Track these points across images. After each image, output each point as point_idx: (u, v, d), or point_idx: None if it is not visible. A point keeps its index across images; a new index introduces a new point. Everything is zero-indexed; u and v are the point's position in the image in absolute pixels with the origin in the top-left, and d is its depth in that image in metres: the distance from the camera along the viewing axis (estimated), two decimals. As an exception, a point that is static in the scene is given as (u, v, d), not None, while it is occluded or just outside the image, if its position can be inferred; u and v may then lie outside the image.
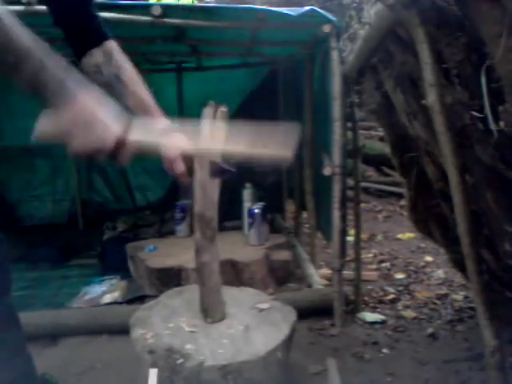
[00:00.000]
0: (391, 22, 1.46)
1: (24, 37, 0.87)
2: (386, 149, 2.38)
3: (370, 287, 2.68)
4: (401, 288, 2.70)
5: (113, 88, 1.17)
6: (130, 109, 1.18)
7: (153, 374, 1.12)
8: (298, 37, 2.55)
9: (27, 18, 0.91)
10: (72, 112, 0.90)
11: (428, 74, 1.31)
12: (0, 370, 1.10)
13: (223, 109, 1.32)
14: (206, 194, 1.47)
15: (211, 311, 1.60)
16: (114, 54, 1.19)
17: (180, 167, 1.09)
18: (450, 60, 1.30)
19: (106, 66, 1.18)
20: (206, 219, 1.51)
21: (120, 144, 0.94)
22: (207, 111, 1.31)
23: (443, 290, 2.65)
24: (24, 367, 1.18)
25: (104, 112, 0.94)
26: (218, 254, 1.56)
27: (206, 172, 1.33)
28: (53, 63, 0.88)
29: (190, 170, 1.22)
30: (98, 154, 0.94)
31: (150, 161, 3.80)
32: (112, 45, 1.21)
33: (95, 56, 1.18)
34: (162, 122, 1.19)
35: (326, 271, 2.83)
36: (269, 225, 3.04)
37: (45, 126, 0.92)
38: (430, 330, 2.18)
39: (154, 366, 1.45)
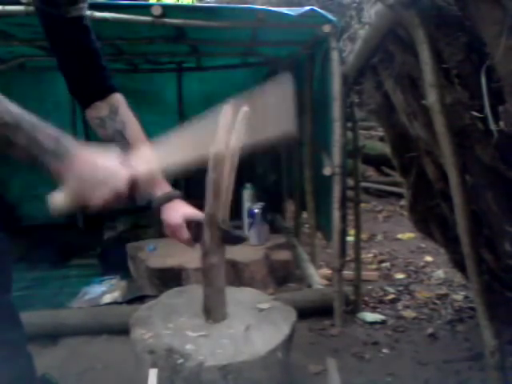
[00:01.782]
0: (391, 22, 1.46)
1: (11, 110, 0.87)
2: (386, 149, 2.38)
3: (370, 287, 2.68)
4: (401, 288, 2.70)
5: (116, 143, 1.15)
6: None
7: (153, 374, 1.12)
8: (298, 37, 2.55)
9: (27, 18, 0.91)
10: (75, 170, 0.90)
11: (428, 74, 1.31)
12: (0, 369, 1.10)
13: (245, 109, 1.29)
14: (218, 193, 1.45)
15: (214, 312, 1.60)
16: (119, 109, 1.17)
17: (185, 234, 1.12)
18: (449, 60, 1.30)
19: (111, 120, 1.16)
20: (216, 220, 1.49)
21: (133, 182, 0.95)
22: (226, 111, 1.28)
23: (443, 290, 2.65)
24: (24, 367, 1.18)
25: (105, 160, 0.94)
26: (225, 257, 1.56)
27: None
28: (43, 130, 0.89)
29: (197, 236, 1.27)
30: (118, 200, 0.95)
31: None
32: (118, 98, 1.19)
33: (100, 109, 1.16)
34: (163, 185, 1.23)
35: (325, 271, 2.83)
36: (269, 225, 3.04)
37: (57, 200, 0.93)
38: (429, 330, 2.18)
39: (154, 366, 1.45)
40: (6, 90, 0.99)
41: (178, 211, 1.29)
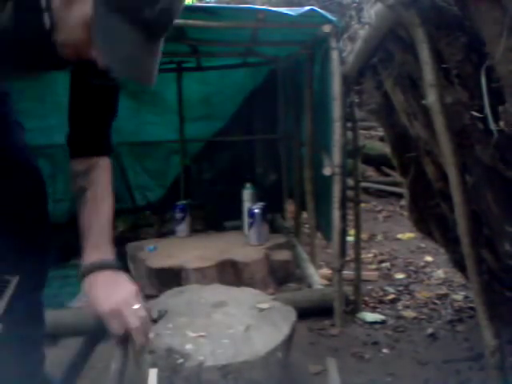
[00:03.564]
0: (391, 22, 1.46)
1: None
2: (386, 149, 2.38)
3: (370, 287, 2.68)
4: (401, 288, 2.70)
5: (78, 200, 1.13)
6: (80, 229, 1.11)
7: (153, 374, 1.12)
8: (298, 37, 2.55)
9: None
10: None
11: (428, 74, 1.31)
12: (12, 364, 1.10)
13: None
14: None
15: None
16: (95, 171, 1.13)
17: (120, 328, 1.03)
18: (450, 60, 1.30)
19: (81, 177, 1.13)
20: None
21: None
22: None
23: (443, 290, 2.65)
24: (35, 366, 1.18)
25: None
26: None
27: None
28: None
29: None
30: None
31: (150, 161, 3.83)
32: (103, 162, 1.16)
33: (80, 163, 1.14)
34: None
35: (326, 271, 2.83)
36: (269, 225, 3.04)
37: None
38: (429, 330, 2.18)
39: (154, 366, 1.45)
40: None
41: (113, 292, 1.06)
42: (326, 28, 2.13)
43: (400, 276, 2.90)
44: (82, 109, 1.12)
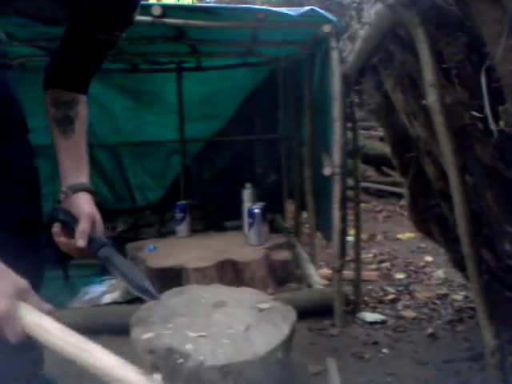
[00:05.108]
0: (391, 21, 1.46)
1: None
2: (386, 149, 2.38)
3: (370, 287, 2.68)
4: (401, 288, 2.70)
5: (60, 127, 1.15)
6: (60, 152, 1.15)
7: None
8: (298, 37, 2.55)
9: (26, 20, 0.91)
10: None
11: (428, 74, 1.31)
12: (7, 364, 1.10)
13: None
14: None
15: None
16: (80, 104, 1.17)
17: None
18: (449, 60, 1.30)
19: (67, 106, 1.16)
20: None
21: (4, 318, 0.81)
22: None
23: (443, 290, 2.65)
24: (31, 365, 1.17)
25: None
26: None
27: None
28: None
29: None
30: None
31: (150, 161, 3.83)
32: (84, 99, 1.20)
33: (64, 95, 1.16)
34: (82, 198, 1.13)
35: (326, 271, 2.83)
36: (269, 225, 3.04)
37: None
38: (429, 330, 2.18)
39: (154, 366, 1.45)
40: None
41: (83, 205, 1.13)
42: (326, 28, 2.13)
43: (400, 276, 2.90)
44: (75, 53, 1.15)
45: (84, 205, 1.12)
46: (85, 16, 1.08)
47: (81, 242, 1.06)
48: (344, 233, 2.29)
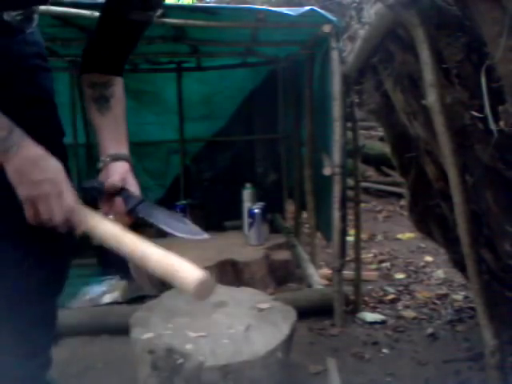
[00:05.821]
0: (391, 21, 1.46)
1: None
2: (385, 149, 2.38)
3: (370, 287, 2.68)
4: (401, 288, 2.70)
5: (97, 106, 1.18)
6: (99, 129, 1.17)
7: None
8: (298, 37, 2.55)
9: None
10: (14, 165, 0.88)
11: (428, 74, 1.31)
12: (13, 366, 1.10)
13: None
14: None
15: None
16: (115, 85, 1.21)
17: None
18: (449, 60, 1.30)
19: (102, 86, 1.19)
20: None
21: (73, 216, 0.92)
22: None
23: (443, 290, 2.65)
24: (36, 370, 1.17)
25: (49, 161, 0.92)
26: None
27: None
28: None
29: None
30: (53, 219, 0.93)
31: (150, 161, 3.82)
32: (120, 81, 1.23)
33: (99, 77, 1.18)
34: (122, 166, 1.14)
35: (326, 271, 2.83)
36: (269, 225, 3.04)
37: None
38: (429, 330, 2.18)
39: (154, 366, 1.45)
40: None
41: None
42: (326, 28, 2.13)
43: (400, 276, 2.90)
44: (108, 36, 1.17)
45: (120, 168, 1.12)
46: None
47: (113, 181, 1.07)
48: (344, 233, 2.29)
